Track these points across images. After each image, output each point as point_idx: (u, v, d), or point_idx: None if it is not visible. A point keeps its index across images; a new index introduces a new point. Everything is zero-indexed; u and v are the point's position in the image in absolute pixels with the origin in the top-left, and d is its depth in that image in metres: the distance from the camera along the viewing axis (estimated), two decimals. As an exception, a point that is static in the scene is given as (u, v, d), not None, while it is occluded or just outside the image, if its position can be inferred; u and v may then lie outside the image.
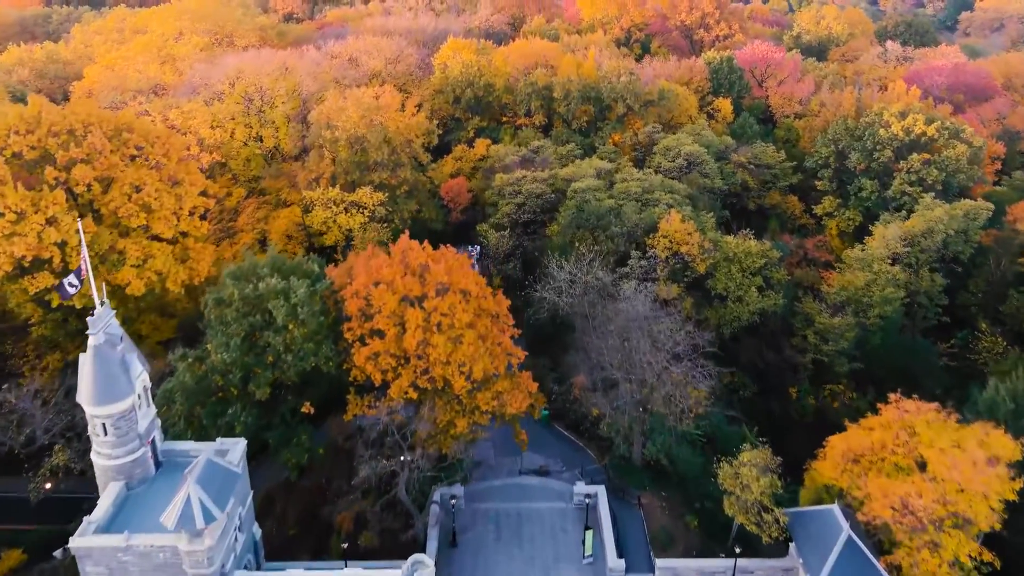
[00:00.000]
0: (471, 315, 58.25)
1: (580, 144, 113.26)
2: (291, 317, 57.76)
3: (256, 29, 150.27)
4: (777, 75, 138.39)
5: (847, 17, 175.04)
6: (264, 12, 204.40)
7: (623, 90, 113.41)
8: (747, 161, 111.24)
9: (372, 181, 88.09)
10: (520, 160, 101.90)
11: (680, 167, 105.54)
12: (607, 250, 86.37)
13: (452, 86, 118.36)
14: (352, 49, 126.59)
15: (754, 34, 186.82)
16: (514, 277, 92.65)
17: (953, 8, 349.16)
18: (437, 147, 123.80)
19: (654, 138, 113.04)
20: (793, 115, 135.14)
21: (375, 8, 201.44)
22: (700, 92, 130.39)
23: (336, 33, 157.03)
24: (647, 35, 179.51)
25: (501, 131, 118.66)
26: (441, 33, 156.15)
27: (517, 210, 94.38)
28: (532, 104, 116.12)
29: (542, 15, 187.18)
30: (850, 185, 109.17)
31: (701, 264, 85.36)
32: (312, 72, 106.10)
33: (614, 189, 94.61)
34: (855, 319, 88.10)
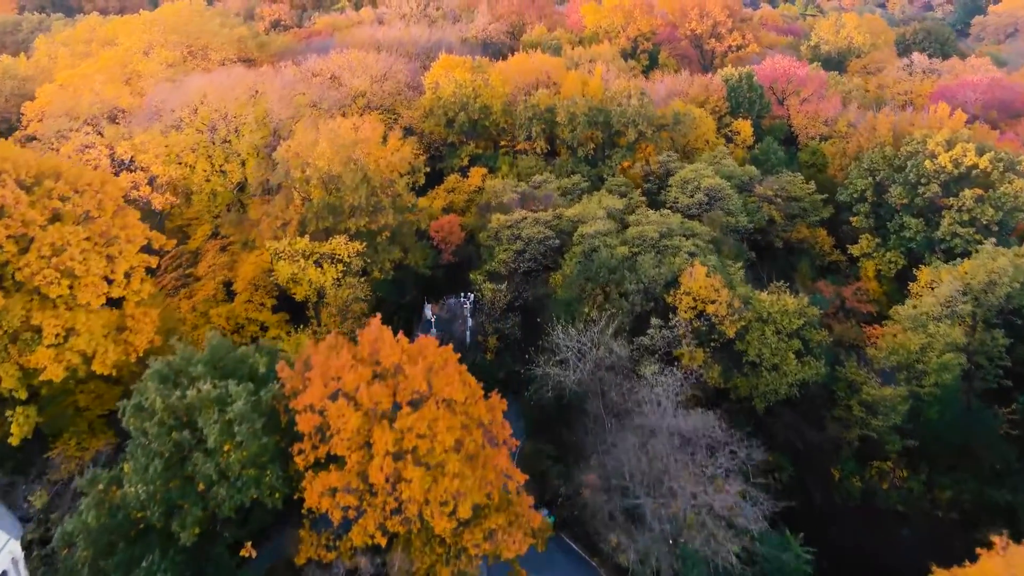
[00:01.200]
0: (457, 431, 44.79)
1: (587, 175, 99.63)
2: (226, 436, 44.31)
3: (234, 41, 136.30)
4: (800, 92, 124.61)
5: (868, 26, 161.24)
6: (250, 19, 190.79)
7: (634, 114, 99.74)
8: (773, 194, 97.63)
9: (348, 229, 74.43)
10: (520, 197, 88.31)
11: (700, 203, 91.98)
12: (621, 310, 72.87)
13: (444, 108, 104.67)
14: (334, 66, 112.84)
15: (767, 43, 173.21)
16: (512, 337, 79.16)
17: (963, 12, 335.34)
18: (428, 175, 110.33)
19: (669, 168, 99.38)
20: (818, 137, 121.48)
21: (367, 15, 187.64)
22: (717, 112, 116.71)
23: (321, 46, 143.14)
24: (655, 44, 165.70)
25: (498, 158, 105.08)
26: (435, 45, 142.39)
27: (516, 258, 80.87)
28: (533, 129, 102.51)
29: (543, 23, 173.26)
30: (890, 222, 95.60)
31: (730, 327, 71.91)
32: (285, 96, 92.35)
33: (627, 233, 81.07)
34: (907, 387, 74.78)
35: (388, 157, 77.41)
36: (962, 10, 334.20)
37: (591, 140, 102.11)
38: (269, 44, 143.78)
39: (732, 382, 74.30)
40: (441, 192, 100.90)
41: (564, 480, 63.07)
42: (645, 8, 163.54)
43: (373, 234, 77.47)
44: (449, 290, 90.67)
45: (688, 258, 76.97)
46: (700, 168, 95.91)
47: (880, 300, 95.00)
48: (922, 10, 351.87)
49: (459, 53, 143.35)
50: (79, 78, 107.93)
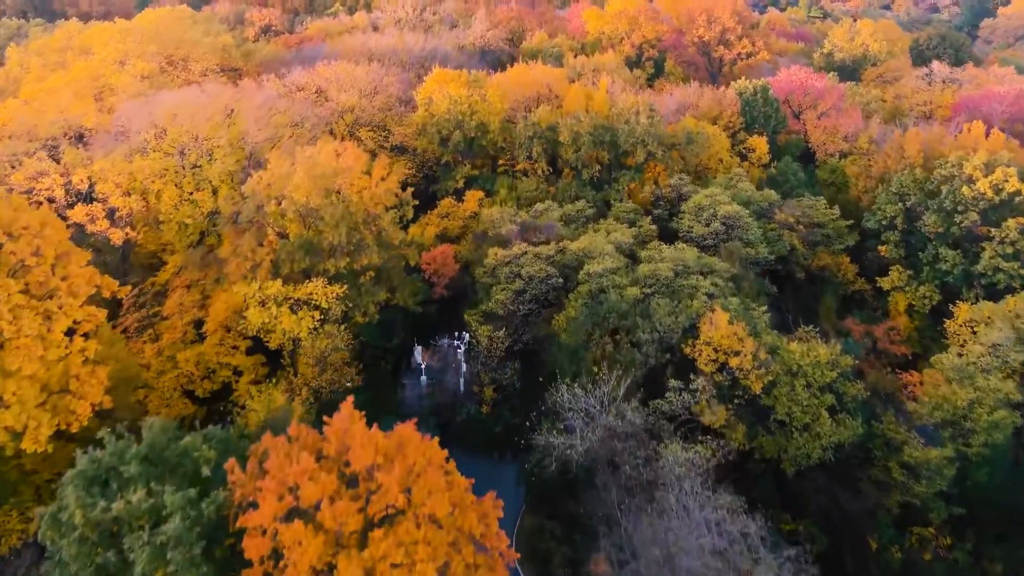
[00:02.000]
0: (441, 553, 36.03)
1: (592, 200, 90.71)
2: (158, 563, 35.56)
3: (218, 50, 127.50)
4: (817, 105, 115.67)
5: (884, 32, 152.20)
6: (240, 23, 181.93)
7: (643, 133, 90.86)
8: (795, 221, 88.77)
9: (327, 270, 65.55)
10: (519, 228, 79.41)
11: (716, 232, 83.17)
12: (632, 361, 64.09)
13: (438, 126, 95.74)
14: (321, 79, 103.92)
15: (777, 50, 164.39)
16: (511, 388, 70.34)
17: (970, 14, 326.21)
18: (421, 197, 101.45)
19: (682, 192, 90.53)
20: (837, 153, 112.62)
21: (360, 20, 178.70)
22: (731, 128, 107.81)
23: (309, 55, 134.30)
24: (660, 51, 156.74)
25: (496, 180, 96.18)
26: (430, 54, 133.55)
27: (515, 298, 72.01)
28: (534, 149, 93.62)
29: (543, 30, 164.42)
30: (922, 252, 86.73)
31: (756, 382, 63.10)
32: (262, 116, 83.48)
33: (638, 271, 72.30)
34: (953, 447, 66.04)
35: (372, 188, 68.47)
36: (969, 12, 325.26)
37: (596, 161, 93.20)
38: (255, 53, 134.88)
39: (757, 441, 65.59)
40: (434, 218, 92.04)
41: (571, 570, 54.34)
42: (650, 14, 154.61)
43: (356, 274, 68.63)
44: (442, 328, 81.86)
45: (707, 300, 68.21)
46: (715, 193, 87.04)
47: (911, 336, 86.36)
48: (927, 12, 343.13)
49: (456, 62, 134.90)
50: (45, 93, 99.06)
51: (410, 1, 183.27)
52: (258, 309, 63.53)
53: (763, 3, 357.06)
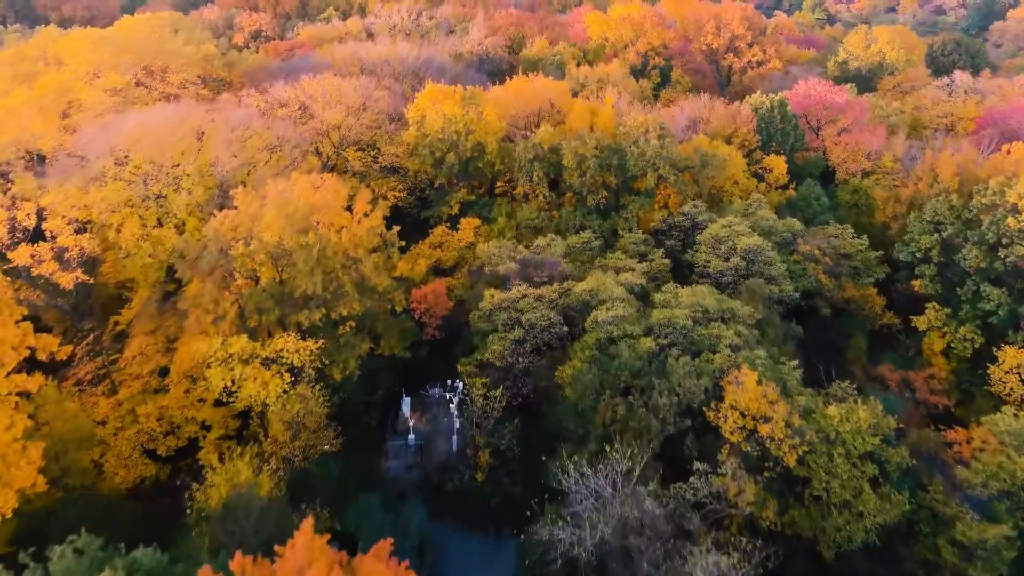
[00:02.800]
0: None
1: (598, 230, 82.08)
2: None
3: (199, 60, 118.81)
4: (838, 121, 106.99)
5: (901, 39, 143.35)
6: (229, 29, 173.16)
7: (654, 157, 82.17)
8: (820, 253, 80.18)
9: (300, 323, 56.96)
10: (519, 265, 70.76)
11: (736, 267, 74.58)
12: (648, 428, 55.58)
13: (430, 147, 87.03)
14: (305, 95, 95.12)
15: (788, 58, 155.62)
16: (509, 452, 61.75)
17: (977, 16, 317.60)
18: (413, 224, 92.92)
19: (696, 220, 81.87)
20: (860, 172, 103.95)
21: (354, 26, 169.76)
22: (746, 147, 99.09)
23: (296, 66, 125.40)
24: (666, 59, 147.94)
25: (494, 206, 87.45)
26: (424, 64, 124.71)
27: (514, 349, 63.42)
28: (535, 173, 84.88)
29: (544, 36, 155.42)
30: (960, 288, 78.15)
31: (790, 454, 54.60)
32: (236, 139, 74.85)
33: (652, 317, 63.71)
34: (1011, 522, 57.57)
35: (353, 228, 59.84)
36: (976, 14, 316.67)
37: (603, 186, 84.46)
38: (239, 63, 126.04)
39: (788, 515, 57.12)
40: (425, 248, 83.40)
41: None
42: (656, 21, 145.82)
43: (334, 324, 60.02)
44: (434, 374, 73.14)
45: (731, 354, 59.67)
46: (734, 222, 78.41)
47: (949, 381, 77.84)
48: (933, 14, 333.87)
49: (452, 72, 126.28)
50: (4, 111, 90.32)
51: (405, 5, 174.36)
52: (221, 368, 54.89)
53: (766, 5, 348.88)
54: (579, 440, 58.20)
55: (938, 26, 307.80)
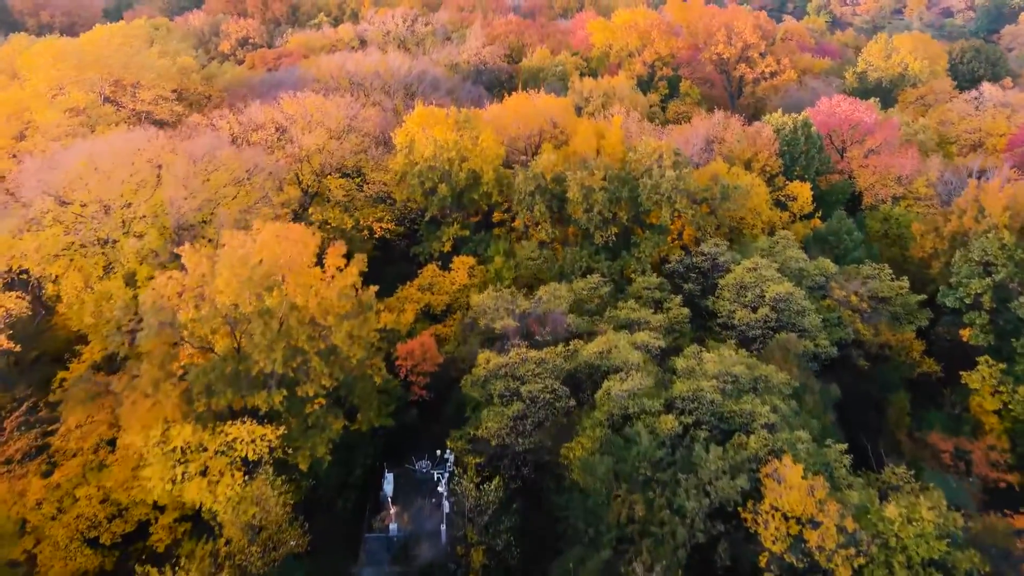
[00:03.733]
0: None
1: (607, 272, 72.25)
2: None
3: (174, 74, 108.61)
4: (865, 141, 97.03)
5: (925, 49, 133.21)
6: (215, 36, 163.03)
7: (670, 190, 72.25)
8: (857, 300, 70.35)
9: (257, 407, 47.21)
10: (519, 320, 60.91)
11: (765, 319, 64.79)
12: (673, 534, 45.89)
13: (420, 177, 77.17)
14: (283, 116, 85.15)
15: (803, 67, 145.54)
16: (507, 553, 51.90)
17: (986, 19, 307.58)
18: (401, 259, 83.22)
19: (718, 261, 72.01)
20: (890, 198, 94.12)
21: (345, 33, 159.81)
22: (767, 172, 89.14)
23: (279, 80, 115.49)
24: (674, 68, 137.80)
25: (491, 242, 77.56)
26: (417, 76, 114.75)
27: (512, 427, 53.65)
28: (536, 208, 74.98)
29: (545, 45, 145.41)
30: (1016, 339, 68.38)
31: (843, 567, 44.99)
32: (197, 174, 64.99)
33: (674, 389, 54.00)
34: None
35: (323, 291, 50.01)
36: (985, 17, 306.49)
37: (612, 222, 74.54)
38: (218, 76, 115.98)
39: (837, 632, 47.42)
40: (413, 292, 73.54)
41: None
42: (664, 29, 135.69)
43: (301, 401, 50.24)
44: (421, 441, 63.54)
45: (767, 436, 49.97)
46: (760, 265, 68.59)
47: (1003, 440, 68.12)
48: (940, 16, 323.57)
49: (446, 85, 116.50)
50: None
51: (399, 12, 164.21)
52: (161, 466, 45.11)
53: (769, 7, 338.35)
54: (589, 543, 48.50)
55: (945, 29, 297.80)
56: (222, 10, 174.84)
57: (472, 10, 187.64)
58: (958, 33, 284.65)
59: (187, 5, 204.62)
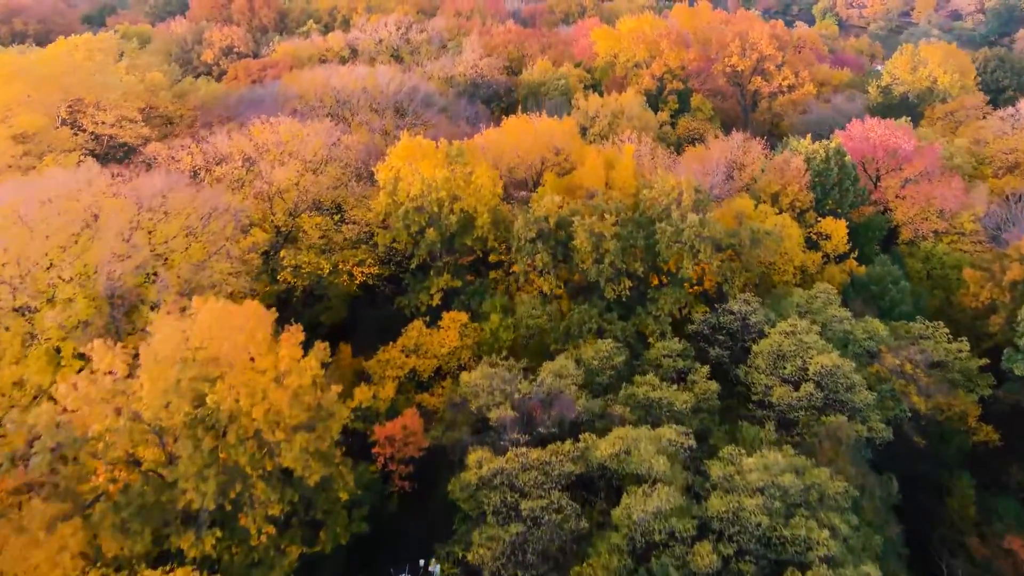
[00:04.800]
0: None
1: (621, 335, 61.21)
2: None
3: (142, 92, 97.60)
4: (903, 170, 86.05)
5: (955, 62, 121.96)
6: (198, 44, 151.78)
7: (692, 237, 61.31)
8: (912, 368, 59.45)
9: (193, 559, 36.30)
10: (518, 407, 50.06)
11: (808, 396, 53.94)
12: None
13: (405, 220, 66.22)
14: (251, 145, 74.12)
15: (821, 79, 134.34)
16: None
17: (997, 23, 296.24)
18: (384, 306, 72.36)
19: (748, 322, 61.04)
20: (931, 234, 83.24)
21: (335, 41, 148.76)
22: (797, 208, 78.21)
23: (259, 98, 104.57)
24: (685, 80, 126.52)
25: (486, 295, 66.60)
26: (408, 93, 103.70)
27: (509, 555, 42.77)
28: (538, 257, 63.99)
29: (546, 56, 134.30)
30: (1100, 416, 57.64)
31: None
32: (140, 227, 54.06)
33: (709, 507, 43.22)
34: None
35: (273, 394, 39.07)
36: (996, 20, 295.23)
37: (625, 274, 63.58)
38: (192, 93, 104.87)
39: None
40: (396, 354, 62.63)
41: None
42: (674, 39, 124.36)
43: (243, 531, 39.36)
44: (402, 542, 52.96)
45: (827, 573, 39.15)
46: (799, 328, 57.63)
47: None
48: (949, 19, 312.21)
49: (440, 103, 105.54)
50: None
51: (392, 19, 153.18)
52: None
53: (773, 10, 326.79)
54: None
55: (955, 32, 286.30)
56: (206, 17, 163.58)
57: (470, 16, 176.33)
58: (968, 37, 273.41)
59: (175, 9, 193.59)
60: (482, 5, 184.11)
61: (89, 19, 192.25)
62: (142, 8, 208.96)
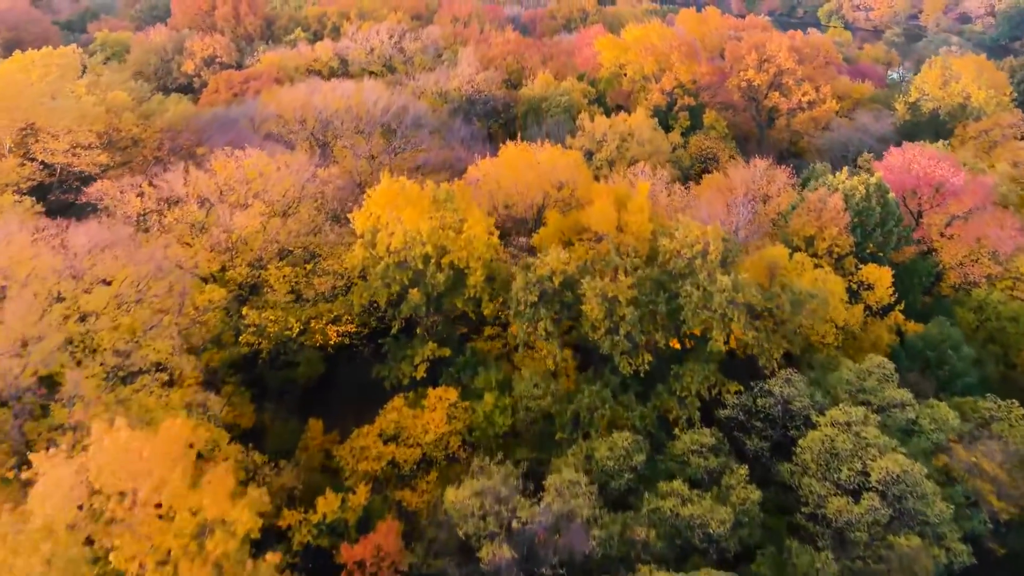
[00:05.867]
0: None
1: (639, 423, 50.50)
2: None
3: (101, 115, 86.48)
4: (949, 204, 75.26)
5: (988, 76, 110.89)
6: (178, 54, 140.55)
7: (723, 303, 50.54)
8: (991, 466, 48.75)
9: None
10: (517, 539, 39.35)
11: (872, 511, 43.23)
12: None
13: (386, 277, 55.45)
14: (208, 185, 63.17)
15: (840, 93, 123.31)
16: None
17: (1008, 26, 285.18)
18: (359, 378, 61.70)
19: (792, 408, 50.27)
20: (983, 278, 72.53)
21: (324, 51, 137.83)
22: (836, 252, 67.40)
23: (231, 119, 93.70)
24: (696, 93, 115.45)
25: (479, 367, 55.84)
26: (396, 114, 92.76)
27: None
28: (541, 324, 53.17)
29: (547, 68, 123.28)
30: None
31: None
32: (52, 308, 43.31)
33: None
34: None
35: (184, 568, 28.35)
36: (1007, 24, 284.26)
37: (644, 347, 52.83)
38: (159, 114, 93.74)
39: None
40: (372, 442, 51.90)
41: None
42: (685, 51, 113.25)
43: None
44: None
45: None
46: (854, 418, 46.96)
47: None
48: (958, 23, 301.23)
49: (432, 124, 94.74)
50: None
51: (385, 27, 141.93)
52: None
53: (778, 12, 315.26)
54: None
55: (964, 35, 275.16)
56: (189, 24, 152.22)
57: (467, 22, 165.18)
58: (977, 41, 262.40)
59: (161, 15, 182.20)
60: (480, 10, 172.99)
61: (70, 25, 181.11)
62: (128, 12, 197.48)
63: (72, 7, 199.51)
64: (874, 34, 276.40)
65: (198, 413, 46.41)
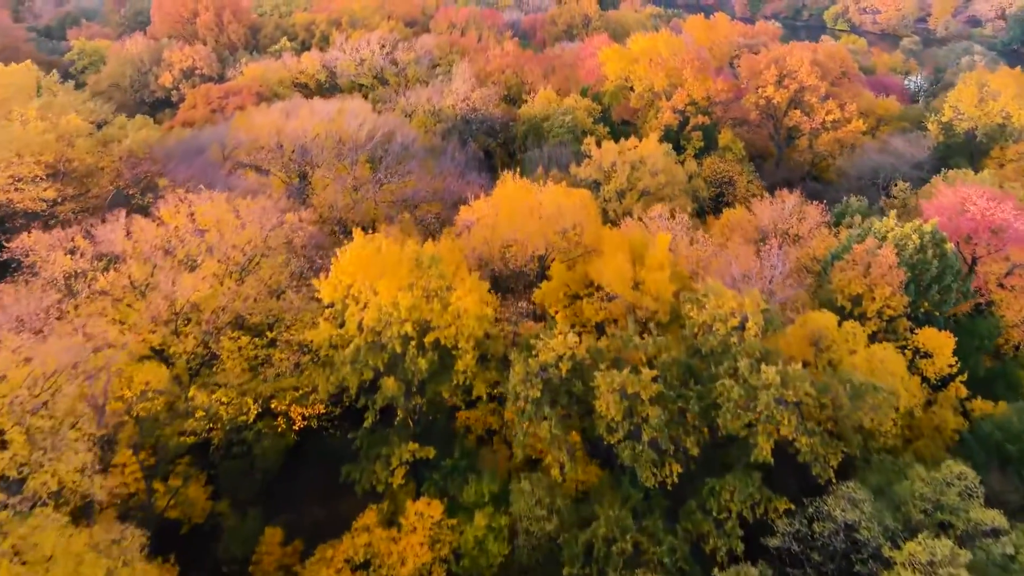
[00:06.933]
0: None
1: (669, 552, 39.94)
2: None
3: (51, 142, 75.60)
4: (1009, 253, 64.56)
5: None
6: (156, 66, 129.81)
7: (769, 403, 39.92)
8: (1109, 614, 38.25)
9: None
10: None
11: None
12: None
13: (357, 362, 44.84)
14: (152, 242, 52.50)
15: (863, 109, 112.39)
16: None
17: (1019, 29, 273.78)
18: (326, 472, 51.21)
19: (857, 535, 39.70)
20: (1051, 341, 62.00)
21: (310, 63, 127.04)
22: (890, 313, 56.69)
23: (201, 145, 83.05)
24: (709, 110, 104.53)
25: (469, 473, 45.26)
26: (380, 142, 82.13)
27: None
28: (544, 425, 42.50)
29: (549, 82, 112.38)
30: None
31: None
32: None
33: None
34: None
35: None
36: (1018, 27, 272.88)
37: (672, 455, 42.20)
38: (117, 140, 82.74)
39: None
40: (337, 565, 41.34)
41: None
42: (699, 66, 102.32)
43: None
44: None
45: None
46: (939, 559, 36.47)
47: None
48: (967, 26, 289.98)
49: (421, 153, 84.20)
50: None
51: (376, 36, 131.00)
52: None
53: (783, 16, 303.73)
54: None
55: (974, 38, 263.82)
56: (169, 33, 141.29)
57: (464, 29, 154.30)
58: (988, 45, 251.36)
59: (146, 20, 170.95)
60: (478, 17, 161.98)
61: (48, 32, 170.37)
62: (114, 18, 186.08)
63: (54, 12, 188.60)
64: (881, 38, 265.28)
65: (114, 553, 36.07)
